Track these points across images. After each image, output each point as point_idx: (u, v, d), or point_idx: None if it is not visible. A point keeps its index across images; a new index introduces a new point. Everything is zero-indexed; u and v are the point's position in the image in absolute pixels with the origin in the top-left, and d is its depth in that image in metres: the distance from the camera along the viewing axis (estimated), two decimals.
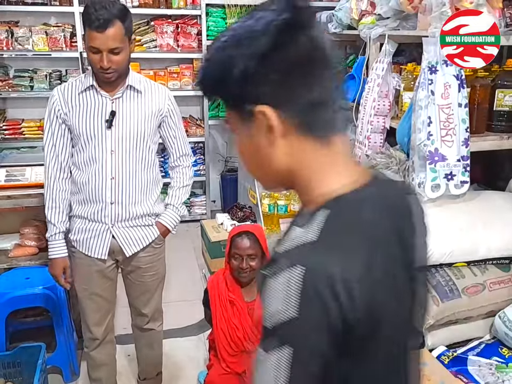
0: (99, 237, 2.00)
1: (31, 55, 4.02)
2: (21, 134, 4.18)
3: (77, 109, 1.94)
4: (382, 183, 0.89)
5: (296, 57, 0.76)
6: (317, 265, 0.70)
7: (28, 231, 2.82)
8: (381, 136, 3.17)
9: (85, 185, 1.98)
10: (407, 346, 0.86)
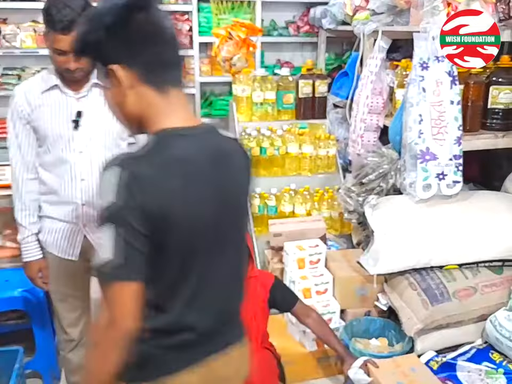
0: (71, 238, 1.98)
1: (19, 52, 3.94)
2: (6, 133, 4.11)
3: (41, 109, 1.88)
4: (210, 130, 1.23)
5: (134, 29, 1.08)
6: (130, 167, 1.06)
7: (9, 232, 2.76)
8: (375, 134, 3.09)
9: (54, 187, 1.94)
10: (210, 252, 1.17)
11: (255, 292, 2.07)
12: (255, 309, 2.06)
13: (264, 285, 2.10)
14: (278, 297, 2.11)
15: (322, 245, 2.58)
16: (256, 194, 3.05)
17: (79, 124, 1.90)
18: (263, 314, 2.10)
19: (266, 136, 3.11)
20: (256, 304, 2.06)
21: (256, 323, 2.05)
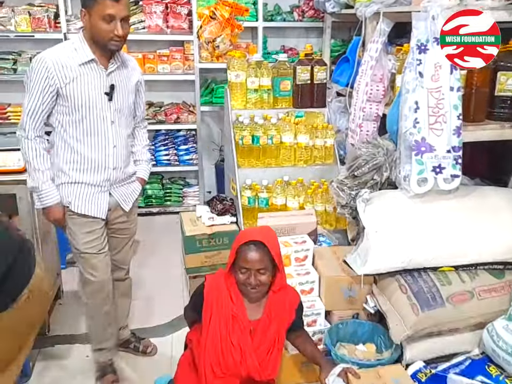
0: (99, 199, 2.15)
1: (14, 36, 3.85)
2: (7, 118, 4.04)
3: (78, 80, 1.99)
4: None
5: None
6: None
7: None
8: (374, 124, 2.90)
9: (87, 155, 2.08)
10: None
11: (283, 312, 1.84)
12: (277, 334, 1.83)
13: (292, 304, 1.87)
14: (298, 319, 1.89)
15: (310, 241, 2.41)
16: (247, 186, 2.89)
17: (113, 97, 2.07)
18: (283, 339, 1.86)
19: (260, 124, 2.94)
20: (281, 326, 1.84)
21: (277, 348, 1.83)
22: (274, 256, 1.75)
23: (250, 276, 1.74)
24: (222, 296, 1.81)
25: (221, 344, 1.77)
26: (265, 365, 1.80)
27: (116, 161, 2.15)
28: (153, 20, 3.89)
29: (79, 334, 2.69)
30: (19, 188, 2.43)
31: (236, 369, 1.78)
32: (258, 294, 1.80)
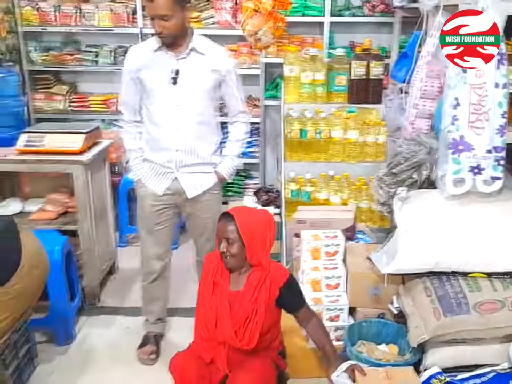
0: (162, 177, 2.34)
1: (95, 30, 4.18)
2: (88, 107, 4.40)
3: (148, 65, 2.25)
4: None
5: None
6: None
7: (51, 197, 2.95)
8: (428, 122, 2.77)
9: (156, 135, 2.29)
10: None
11: (262, 287, 1.93)
12: (255, 306, 1.92)
13: (276, 281, 1.95)
14: (287, 298, 1.96)
15: (342, 236, 2.38)
16: (291, 178, 2.92)
17: (177, 81, 2.22)
18: (267, 311, 1.93)
19: (308, 118, 2.95)
20: (258, 300, 1.92)
21: (254, 320, 1.91)
22: (241, 231, 1.85)
23: (220, 244, 1.90)
24: (211, 265, 2.00)
25: (204, 311, 1.95)
26: (241, 334, 1.90)
27: (177, 143, 2.29)
28: (223, 16, 4.03)
29: (124, 307, 2.90)
30: (75, 168, 2.67)
31: (214, 335, 1.90)
32: (231, 263, 1.91)
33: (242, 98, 2.41)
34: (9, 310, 1.55)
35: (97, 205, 2.87)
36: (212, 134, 2.39)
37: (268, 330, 1.96)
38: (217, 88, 2.33)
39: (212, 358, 2.00)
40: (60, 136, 2.69)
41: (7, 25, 4.03)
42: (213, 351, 1.99)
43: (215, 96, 2.36)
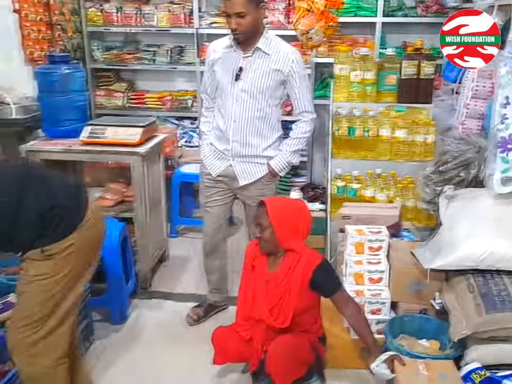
0: (219, 162, 2.55)
1: (154, 30, 4.38)
2: (144, 103, 4.60)
3: (219, 60, 2.45)
4: None
5: None
6: None
7: (110, 187, 3.14)
8: (479, 122, 2.77)
9: (219, 125, 2.51)
10: None
11: (295, 269, 2.05)
12: (288, 286, 2.04)
13: (308, 264, 2.05)
14: (321, 280, 2.05)
15: (386, 232, 2.42)
16: (337, 175, 2.98)
17: (240, 77, 2.38)
18: (301, 293, 2.04)
19: (356, 116, 3.00)
20: (291, 281, 2.04)
21: (288, 300, 2.03)
22: (271, 218, 2.00)
23: (255, 229, 2.12)
24: (252, 252, 2.16)
25: (244, 291, 2.11)
26: (276, 313, 2.03)
27: (234, 135, 2.46)
28: (276, 16, 4.13)
29: (174, 293, 3.05)
30: (134, 159, 2.83)
31: (252, 313, 2.04)
32: (265, 248, 2.09)
33: (306, 98, 2.48)
34: (70, 264, 1.73)
35: (151, 195, 3.03)
36: (270, 130, 2.49)
37: (303, 312, 2.05)
38: (280, 87, 2.43)
39: (250, 336, 2.12)
40: (120, 129, 2.86)
41: (73, 26, 4.30)
42: (251, 330, 2.11)
43: (277, 94, 2.45)
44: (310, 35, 2.75)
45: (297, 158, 2.62)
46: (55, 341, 1.79)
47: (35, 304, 1.74)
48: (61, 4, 4.06)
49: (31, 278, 1.73)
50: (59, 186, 1.77)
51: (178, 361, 2.44)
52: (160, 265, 3.35)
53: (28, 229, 1.67)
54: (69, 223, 1.72)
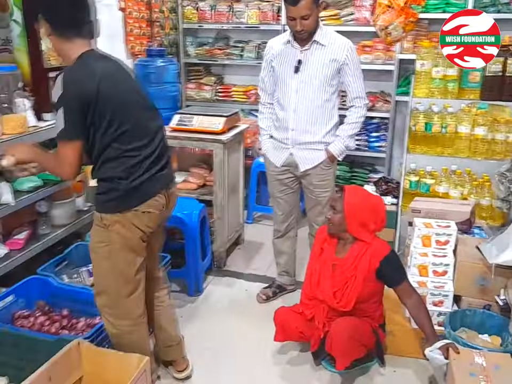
0: (280, 152, 2.72)
1: (244, 27, 4.60)
2: (231, 97, 4.85)
3: (278, 55, 2.63)
4: (103, 54, 1.88)
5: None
6: (69, 76, 1.73)
7: (194, 171, 3.40)
8: None
9: (279, 116, 2.67)
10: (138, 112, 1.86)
11: (362, 257, 2.14)
12: (355, 273, 2.13)
13: (376, 254, 2.14)
14: (387, 271, 2.13)
15: (454, 227, 2.43)
16: (411, 170, 3.00)
17: (299, 70, 2.55)
18: (366, 281, 2.13)
19: (435, 112, 3.00)
20: (358, 268, 2.14)
21: (353, 285, 2.13)
22: (345, 205, 2.10)
23: (329, 211, 2.23)
24: (322, 236, 2.26)
25: (311, 272, 2.20)
26: (339, 296, 2.10)
27: (294, 124, 2.62)
28: (362, 13, 4.17)
29: (245, 273, 3.25)
30: (216, 146, 3.06)
31: (316, 294, 2.07)
32: (332, 230, 2.21)
33: (359, 85, 2.60)
34: (121, 238, 1.90)
35: (230, 181, 3.24)
36: (328, 117, 2.62)
37: (367, 299, 2.13)
38: (336, 75, 2.57)
39: (312, 316, 2.24)
40: (205, 118, 3.10)
41: (171, 23, 4.64)
42: (314, 309, 2.23)
43: (334, 83, 2.59)
44: (389, 30, 2.80)
45: (353, 142, 2.75)
46: (129, 305, 1.99)
47: (101, 272, 1.95)
48: (161, 2, 4.41)
49: (93, 245, 1.94)
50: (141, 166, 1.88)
51: (245, 334, 2.62)
52: (235, 248, 3.57)
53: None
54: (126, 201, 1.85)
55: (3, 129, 2.28)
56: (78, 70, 1.74)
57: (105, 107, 1.74)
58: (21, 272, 2.54)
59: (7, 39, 2.42)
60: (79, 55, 1.77)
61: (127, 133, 1.80)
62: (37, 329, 2.29)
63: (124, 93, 1.82)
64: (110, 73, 1.80)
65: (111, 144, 1.79)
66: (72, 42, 1.78)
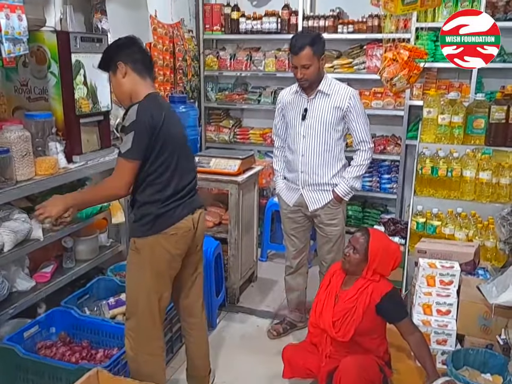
0: (292, 192, 2.91)
1: (261, 74, 4.86)
2: (248, 139, 5.08)
3: (288, 104, 2.87)
4: (159, 94, 2.23)
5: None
6: (143, 107, 2.04)
7: (210, 210, 3.57)
8: None
9: (289, 158, 2.90)
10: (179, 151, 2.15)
11: (364, 291, 2.26)
12: (355, 304, 2.24)
13: (378, 290, 2.24)
14: (387, 307, 2.22)
15: (458, 268, 2.52)
16: (418, 212, 3.12)
17: (306, 117, 2.76)
18: (366, 314, 2.22)
19: (441, 157, 3.13)
20: (359, 301, 2.25)
21: (352, 316, 2.23)
22: (370, 249, 2.20)
23: (347, 248, 2.30)
24: (333, 270, 2.41)
25: (316, 301, 2.34)
26: (338, 326, 2.21)
27: (302, 166, 2.82)
28: (373, 62, 4.40)
29: (258, 310, 3.36)
30: (231, 186, 3.24)
31: (318, 322, 2.24)
32: (346, 266, 2.29)
33: (363, 130, 2.77)
34: (152, 263, 2.12)
35: (245, 220, 3.40)
36: (335, 160, 2.80)
37: (366, 332, 2.22)
38: (341, 121, 2.76)
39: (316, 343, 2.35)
40: (222, 160, 3.30)
41: (193, 70, 4.93)
42: (319, 338, 2.34)
43: (339, 128, 2.78)
44: (394, 82, 3.00)
45: (360, 184, 2.89)
46: (151, 333, 2.17)
47: (131, 295, 2.17)
48: (184, 52, 4.71)
49: (127, 268, 2.19)
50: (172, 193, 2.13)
51: (255, 370, 2.72)
52: (249, 284, 3.70)
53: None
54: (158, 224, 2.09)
55: (36, 170, 2.49)
56: (151, 104, 2.06)
57: (162, 139, 2.04)
58: (46, 303, 2.70)
59: (43, 89, 2.66)
60: (148, 94, 2.10)
61: (171, 166, 2.09)
62: (58, 358, 2.43)
63: (176, 132, 2.15)
64: (171, 113, 2.17)
65: (156, 171, 2.06)
66: (145, 80, 2.14)
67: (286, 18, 4.65)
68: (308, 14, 4.66)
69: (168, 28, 4.45)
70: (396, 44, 2.96)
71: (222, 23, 4.92)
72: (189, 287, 2.36)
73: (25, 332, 2.44)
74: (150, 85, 2.17)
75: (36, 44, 2.59)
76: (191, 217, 2.17)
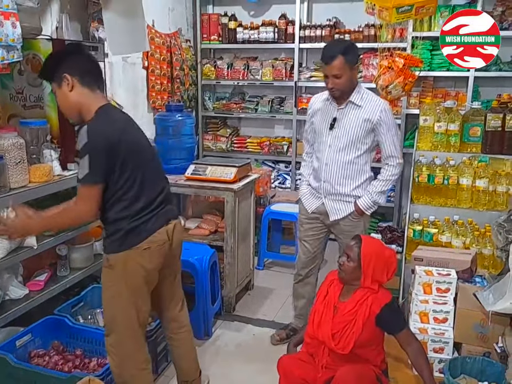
0: (314, 200, 2.89)
1: (259, 83, 4.88)
2: (245, 147, 5.08)
3: (318, 111, 2.83)
4: (112, 107, 2.12)
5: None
6: (94, 126, 1.92)
7: (207, 218, 3.56)
8: None
9: (315, 167, 2.86)
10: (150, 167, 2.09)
11: (364, 302, 2.23)
12: (355, 317, 2.21)
13: (378, 301, 2.20)
14: (386, 318, 2.18)
15: (454, 275, 2.50)
16: (415, 220, 3.10)
17: (333, 126, 2.72)
18: (366, 326, 2.17)
19: (437, 165, 3.13)
20: (358, 313, 2.22)
21: (351, 329, 2.20)
22: (362, 255, 2.15)
23: (342, 257, 2.25)
24: (331, 279, 2.35)
25: (314, 312, 2.28)
26: (338, 338, 2.15)
27: (325, 176, 2.79)
28: (369, 71, 4.41)
29: (254, 318, 3.33)
30: (227, 194, 3.23)
31: (316, 334, 2.19)
32: (342, 276, 2.24)
33: (393, 144, 2.72)
34: (125, 279, 2.03)
35: (241, 228, 3.39)
36: (358, 172, 2.76)
37: (366, 344, 2.19)
38: (369, 134, 2.70)
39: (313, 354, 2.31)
40: (218, 168, 3.30)
41: (190, 79, 4.95)
42: (316, 349, 2.30)
43: (367, 141, 2.72)
44: (389, 89, 3.00)
45: (383, 199, 2.83)
46: (133, 347, 2.09)
47: (109, 312, 2.09)
48: (181, 61, 4.73)
49: (102, 286, 2.09)
50: (143, 207, 2.02)
51: (251, 378, 2.69)
52: (245, 293, 3.67)
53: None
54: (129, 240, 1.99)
55: (30, 178, 2.48)
56: (104, 121, 1.94)
57: (122, 156, 1.93)
58: (39, 312, 2.68)
59: (39, 97, 2.66)
60: (100, 107, 1.97)
61: (137, 180, 1.98)
62: (51, 367, 2.40)
63: (137, 144, 2.03)
64: (128, 125, 2.04)
65: (122, 187, 1.96)
66: (95, 93, 2.00)
67: (283, 28, 4.68)
68: (304, 23, 4.69)
69: (166, 37, 4.48)
70: (391, 52, 2.96)
71: (220, 33, 4.95)
72: (171, 295, 2.31)
73: (18, 340, 2.42)
74: (101, 97, 2.04)
75: (31, 51, 2.59)
76: (165, 228, 2.07)
